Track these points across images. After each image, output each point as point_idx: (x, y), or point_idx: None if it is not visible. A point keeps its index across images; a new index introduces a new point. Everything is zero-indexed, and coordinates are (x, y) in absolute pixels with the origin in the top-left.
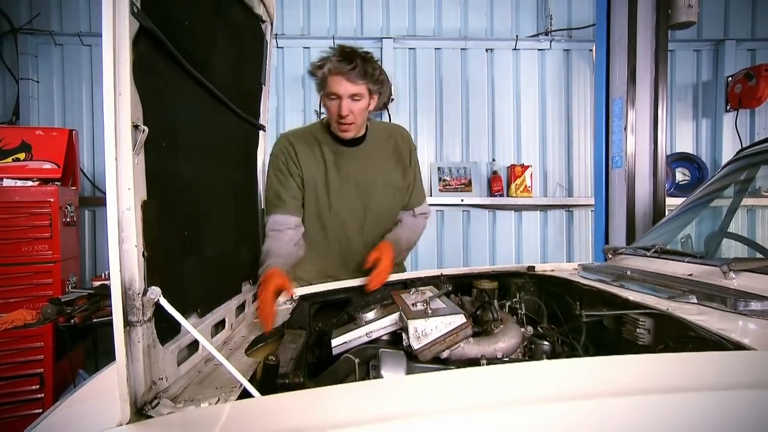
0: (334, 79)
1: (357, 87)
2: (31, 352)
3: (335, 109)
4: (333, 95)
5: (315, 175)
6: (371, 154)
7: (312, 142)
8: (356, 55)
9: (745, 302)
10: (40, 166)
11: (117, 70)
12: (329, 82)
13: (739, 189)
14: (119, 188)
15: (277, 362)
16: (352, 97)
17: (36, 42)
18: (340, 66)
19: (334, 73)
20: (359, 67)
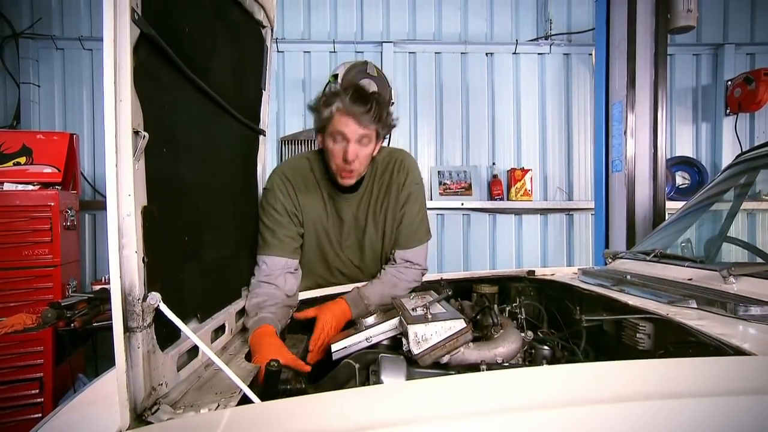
0: (343, 119)
1: (367, 131)
2: (30, 356)
3: (340, 153)
4: (339, 135)
5: (315, 218)
6: (366, 195)
7: (310, 180)
8: (371, 97)
9: (745, 307)
10: (40, 170)
11: (118, 76)
12: (336, 121)
13: (739, 193)
14: (119, 194)
15: (279, 368)
16: (360, 140)
17: (37, 46)
18: (354, 107)
19: (345, 113)
20: (374, 110)
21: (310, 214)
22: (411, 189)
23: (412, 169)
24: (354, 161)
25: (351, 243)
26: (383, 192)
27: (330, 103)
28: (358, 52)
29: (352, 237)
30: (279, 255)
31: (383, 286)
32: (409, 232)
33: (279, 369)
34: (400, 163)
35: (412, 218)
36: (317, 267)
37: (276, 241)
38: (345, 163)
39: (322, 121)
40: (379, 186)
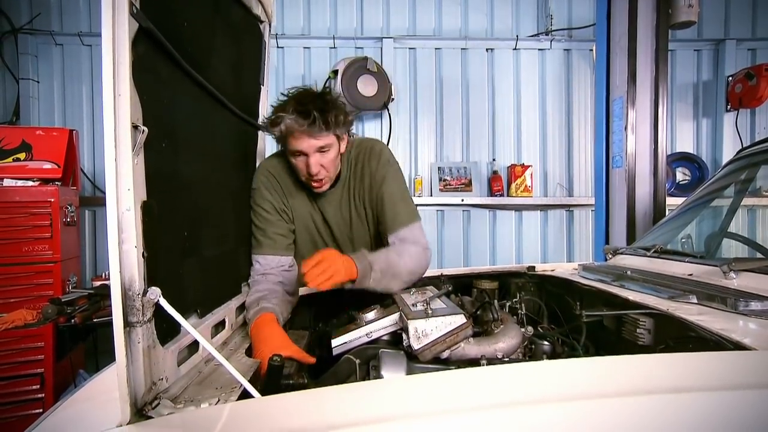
0: (294, 138)
1: (322, 140)
2: (31, 352)
3: (303, 167)
4: (298, 152)
5: (305, 218)
6: (344, 191)
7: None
8: (313, 105)
9: (746, 302)
10: (40, 166)
11: (116, 70)
12: (290, 140)
13: (740, 189)
14: (119, 189)
15: (282, 363)
16: (319, 150)
17: (36, 42)
18: (297, 124)
19: (294, 131)
20: (318, 119)
21: (299, 214)
22: (384, 171)
23: (383, 152)
24: (319, 172)
25: (342, 241)
26: (359, 182)
27: (277, 123)
28: (358, 48)
29: (341, 234)
30: (271, 254)
31: (388, 252)
32: (393, 213)
33: (282, 364)
34: (370, 149)
35: (393, 200)
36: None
37: (268, 240)
38: (311, 176)
39: (279, 140)
40: (354, 178)
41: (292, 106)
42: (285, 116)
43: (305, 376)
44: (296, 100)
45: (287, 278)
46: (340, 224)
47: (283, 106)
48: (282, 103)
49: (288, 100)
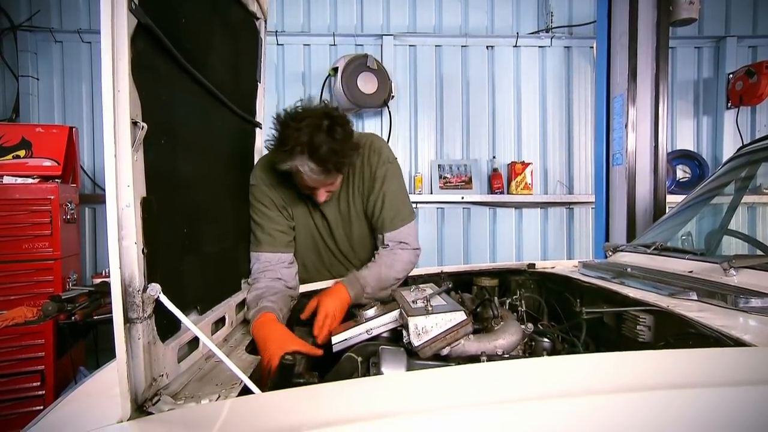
0: (305, 179)
1: (330, 180)
2: (32, 349)
3: (308, 193)
4: (306, 188)
5: (304, 216)
6: (345, 190)
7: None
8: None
9: (746, 299)
10: (40, 164)
11: (116, 66)
12: (299, 178)
13: (740, 186)
14: (119, 185)
15: (294, 362)
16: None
17: (36, 39)
18: (313, 172)
19: (303, 173)
20: (334, 166)
21: (298, 210)
22: (386, 168)
23: (382, 149)
24: (326, 197)
25: (341, 239)
26: (358, 178)
27: (286, 160)
28: (358, 45)
29: (341, 233)
30: (271, 251)
31: (379, 267)
32: (393, 212)
33: (294, 362)
34: (370, 145)
35: (392, 198)
36: (313, 264)
37: (267, 237)
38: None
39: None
40: (353, 174)
41: (307, 148)
42: (298, 160)
43: (316, 376)
44: (309, 144)
45: (287, 274)
46: (338, 221)
47: (294, 148)
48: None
49: (299, 136)
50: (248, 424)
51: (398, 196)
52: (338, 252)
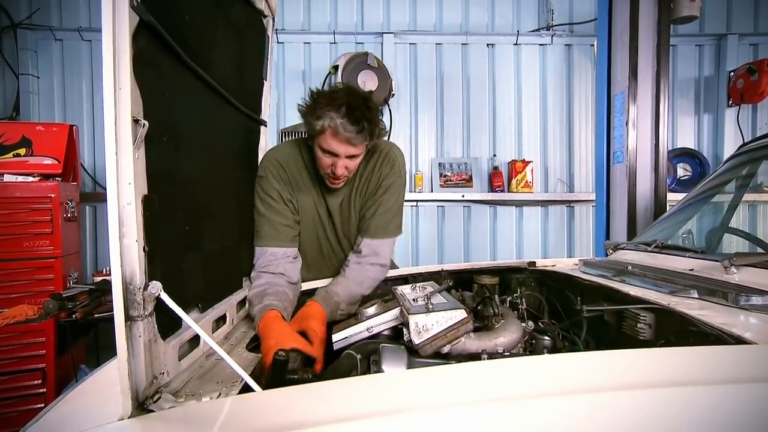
0: (334, 139)
1: (358, 148)
2: (33, 347)
3: (328, 165)
4: (329, 152)
5: (310, 207)
6: (350, 188)
7: (302, 165)
8: (363, 115)
9: (747, 297)
10: (40, 162)
11: (117, 64)
12: (327, 138)
13: (741, 184)
14: (120, 183)
15: (286, 357)
16: (350, 156)
17: (36, 37)
18: (344, 128)
19: (336, 134)
20: (366, 129)
21: (304, 203)
22: (393, 180)
23: (397, 161)
24: (343, 174)
25: (342, 236)
26: (366, 181)
27: (321, 116)
28: (359, 43)
29: (343, 230)
30: (277, 245)
31: (349, 283)
32: (382, 221)
33: (286, 358)
34: (386, 154)
35: (388, 209)
36: (313, 259)
37: (273, 232)
38: (334, 175)
39: (312, 131)
40: (363, 176)
41: (344, 107)
42: (334, 115)
43: (309, 372)
44: (348, 104)
45: (291, 270)
46: (343, 218)
47: (332, 103)
48: (330, 98)
49: (337, 96)
50: (249, 421)
51: (393, 210)
52: (338, 246)
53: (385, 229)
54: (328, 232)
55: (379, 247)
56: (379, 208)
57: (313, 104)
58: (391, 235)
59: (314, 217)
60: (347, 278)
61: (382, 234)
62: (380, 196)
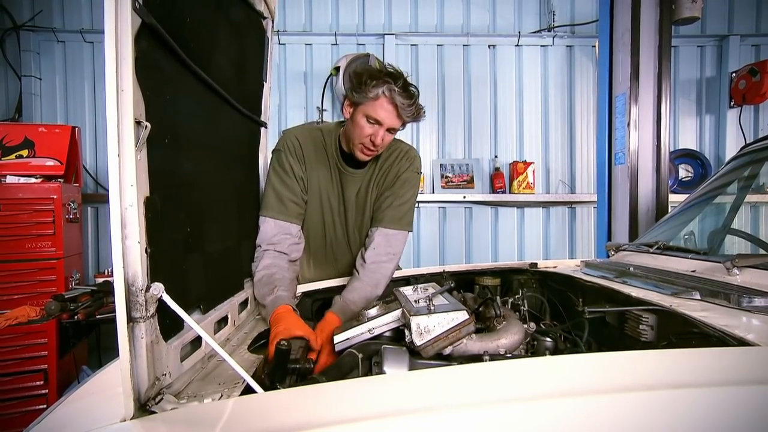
0: (385, 105)
1: (400, 122)
2: (34, 348)
3: (368, 134)
4: (374, 120)
5: (321, 185)
6: (369, 178)
7: (320, 148)
8: (415, 93)
9: (749, 298)
10: (43, 163)
11: (119, 66)
12: (378, 105)
13: (743, 185)
14: (122, 184)
15: (289, 347)
16: (390, 129)
17: (38, 39)
18: (400, 98)
19: (390, 101)
20: (414, 105)
21: (316, 184)
22: (409, 176)
23: (415, 159)
24: (378, 146)
25: (352, 220)
26: (384, 175)
27: (377, 85)
28: (360, 45)
29: (353, 214)
30: (282, 219)
31: (365, 287)
32: (398, 213)
33: (288, 348)
34: (405, 152)
35: (404, 201)
36: (316, 247)
37: (279, 205)
38: (371, 145)
39: (363, 98)
40: (380, 168)
41: (401, 80)
42: (392, 86)
43: (312, 361)
44: (405, 80)
45: (294, 251)
46: (358, 209)
47: (390, 75)
48: (388, 72)
49: (396, 73)
50: (251, 423)
51: (409, 204)
52: (344, 239)
53: (400, 221)
54: (336, 222)
55: (393, 237)
56: (396, 200)
57: (369, 74)
58: (404, 228)
59: (324, 202)
60: (362, 281)
61: (397, 225)
62: (398, 189)
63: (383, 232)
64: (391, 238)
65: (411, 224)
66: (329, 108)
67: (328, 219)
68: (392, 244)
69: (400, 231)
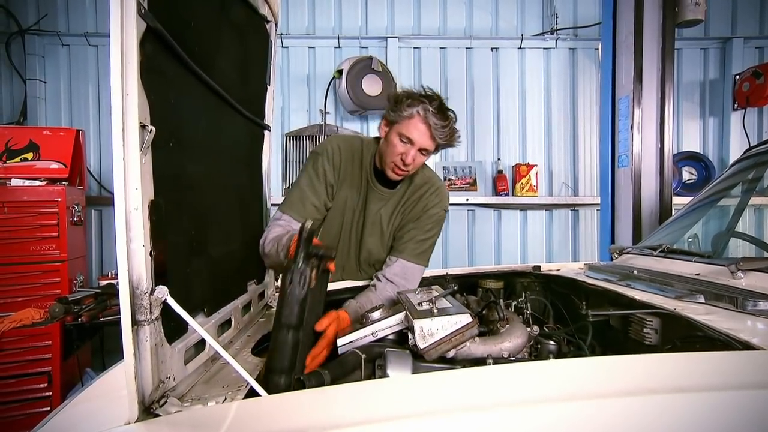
0: (418, 125)
1: (433, 144)
2: (38, 350)
3: (399, 153)
4: (407, 138)
5: (348, 196)
6: (395, 202)
7: (357, 159)
8: (450, 116)
9: (754, 302)
10: (47, 166)
11: (124, 70)
12: (412, 124)
13: (747, 188)
14: (127, 188)
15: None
16: (422, 150)
17: (43, 43)
18: (434, 118)
19: (423, 121)
20: (448, 127)
21: (344, 195)
22: (437, 212)
23: (444, 198)
24: (410, 165)
25: (367, 236)
26: (411, 205)
27: (413, 104)
28: (363, 48)
29: (369, 230)
30: (296, 218)
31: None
32: (420, 248)
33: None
34: (437, 189)
35: (429, 237)
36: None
37: (300, 206)
38: (402, 164)
39: (398, 116)
40: (410, 197)
41: (437, 102)
42: (427, 106)
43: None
44: (440, 101)
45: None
46: (374, 229)
47: (428, 97)
48: (425, 94)
49: (433, 95)
50: (255, 426)
51: (431, 242)
52: (356, 248)
53: (420, 255)
54: (352, 235)
55: (410, 271)
56: (419, 234)
57: (407, 94)
58: (423, 264)
59: (346, 214)
60: (378, 295)
61: (417, 259)
62: (423, 223)
63: (402, 264)
64: (408, 271)
65: (428, 259)
66: (332, 111)
67: (345, 229)
68: (408, 278)
69: (417, 265)
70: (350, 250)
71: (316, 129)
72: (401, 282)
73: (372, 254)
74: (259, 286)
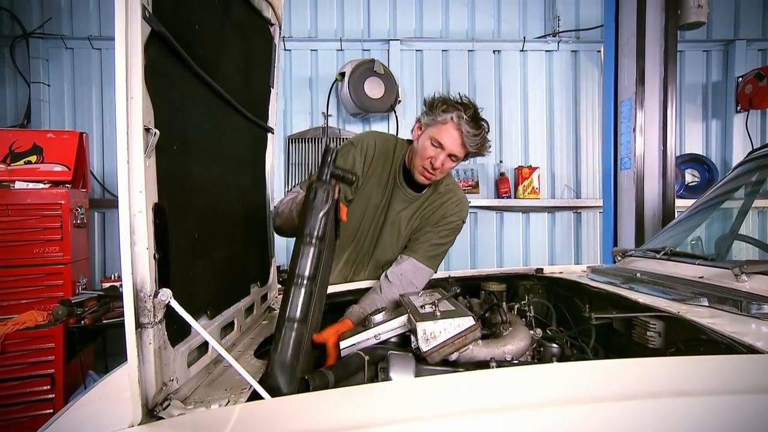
0: (450, 131)
1: (463, 151)
2: (42, 352)
3: (429, 156)
4: (438, 143)
5: (373, 191)
6: (417, 206)
7: (389, 158)
8: (483, 126)
9: (758, 305)
10: (51, 169)
11: (129, 74)
12: (444, 129)
13: (751, 190)
14: (131, 191)
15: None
16: (452, 155)
17: (47, 46)
18: (467, 126)
19: (456, 127)
20: (479, 136)
21: (369, 190)
22: (455, 221)
23: (464, 209)
24: (438, 169)
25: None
26: (432, 210)
27: (448, 110)
28: (365, 50)
29: (388, 230)
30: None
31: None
32: (432, 251)
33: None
34: (459, 199)
35: (443, 243)
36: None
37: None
38: (430, 167)
39: (432, 121)
40: (432, 203)
41: (472, 111)
42: (462, 113)
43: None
44: (475, 110)
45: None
46: (393, 229)
47: (463, 105)
48: (461, 102)
49: (469, 104)
50: (257, 429)
51: (444, 248)
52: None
53: (432, 259)
54: (370, 231)
55: (420, 272)
56: (434, 238)
57: (443, 99)
58: (432, 268)
59: (368, 210)
60: (382, 297)
61: (428, 261)
62: (440, 228)
63: (413, 263)
64: (418, 272)
65: (438, 264)
66: (334, 113)
67: (365, 225)
68: (417, 278)
69: (427, 268)
70: (366, 246)
71: (319, 131)
72: (408, 282)
73: (386, 253)
74: (262, 289)
